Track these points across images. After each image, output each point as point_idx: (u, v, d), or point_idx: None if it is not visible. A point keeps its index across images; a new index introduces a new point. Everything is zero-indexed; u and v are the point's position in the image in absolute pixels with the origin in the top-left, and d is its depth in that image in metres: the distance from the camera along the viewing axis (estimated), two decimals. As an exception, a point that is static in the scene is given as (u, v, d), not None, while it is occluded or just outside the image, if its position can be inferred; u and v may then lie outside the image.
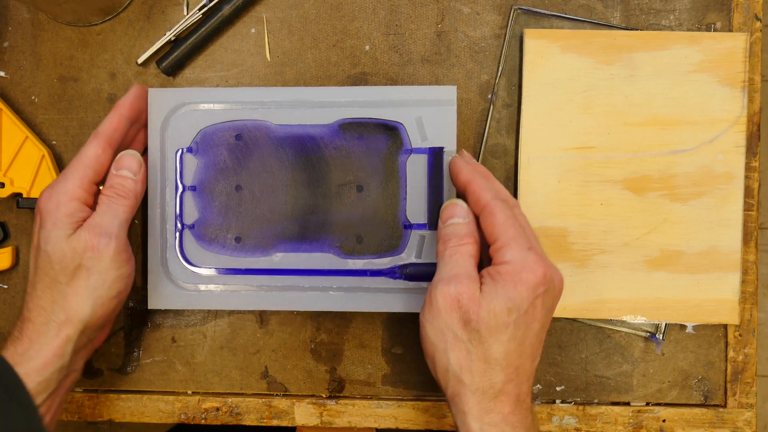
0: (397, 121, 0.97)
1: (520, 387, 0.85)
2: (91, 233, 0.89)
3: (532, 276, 0.84)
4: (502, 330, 0.84)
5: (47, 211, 0.91)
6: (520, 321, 0.84)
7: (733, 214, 1.00)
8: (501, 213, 0.87)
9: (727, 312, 1.00)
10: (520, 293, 0.84)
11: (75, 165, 0.92)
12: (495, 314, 0.83)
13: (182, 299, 0.99)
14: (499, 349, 0.84)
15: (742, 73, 0.99)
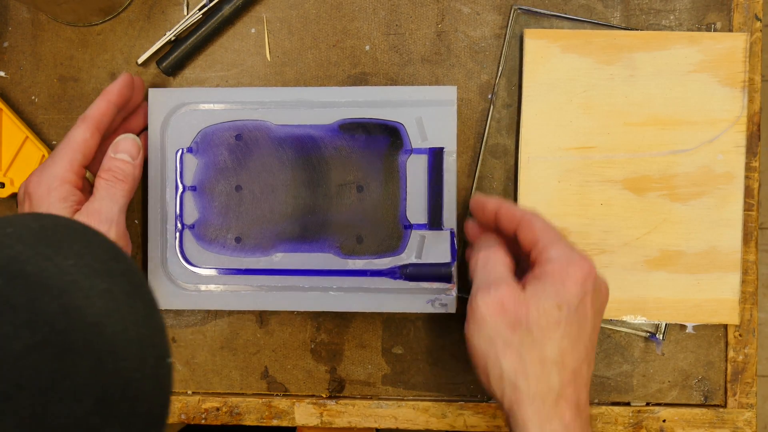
0: (397, 121, 0.97)
1: (579, 392, 0.83)
2: (90, 219, 0.89)
3: (579, 271, 0.83)
4: (554, 327, 0.82)
5: (38, 196, 0.91)
6: (572, 318, 0.82)
7: (733, 214, 1.00)
8: (538, 221, 0.87)
9: (727, 312, 1.00)
10: (568, 289, 0.83)
11: (63, 149, 0.92)
12: (545, 311, 0.82)
13: (182, 299, 1.00)
14: (554, 348, 0.82)
15: (742, 73, 0.99)
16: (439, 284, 0.97)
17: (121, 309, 0.57)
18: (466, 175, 1.03)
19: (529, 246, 0.87)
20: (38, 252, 0.57)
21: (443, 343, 1.04)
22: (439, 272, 0.95)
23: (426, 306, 0.98)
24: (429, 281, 0.97)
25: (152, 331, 0.61)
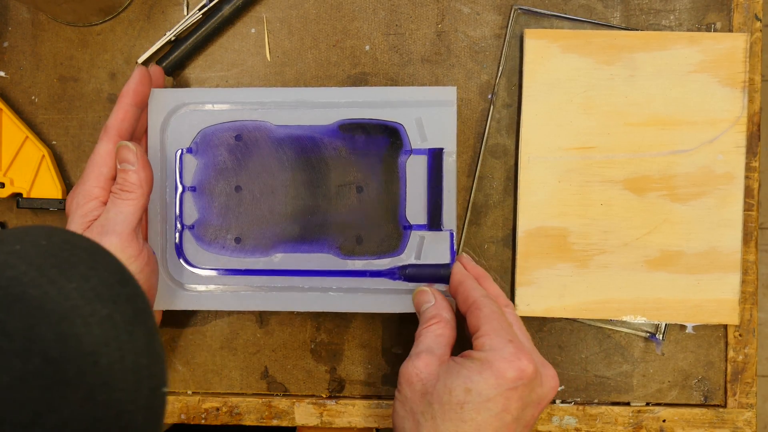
0: (397, 121, 0.97)
1: None
2: (92, 233, 0.89)
3: (505, 366, 0.82)
4: (455, 409, 0.82)
5: (70, 212, 0.92)
6: (481, 407, 0.81)
7: (733, 215, 1.00)
8: (486, 307, 0.87)
9: (727, 312, 1.00)
10: (486, 379, 0.82)
11: (90, 165, 0.93)
12: (449, 390, 0.82)
13: (182, 300, 0.99)
14: (450, 427, 0.82)
15: (742, 74, 0.99)
16: (439, 285, 0.97)
17: (120, 337, 0.56)
18: (466, 176, 1.03)
19: (473, 331, 0.88)
20: (42, 273, 0.56)
21: (443, 343, 1.04)
22: (438, 273, 0.95)
23: None
24: (428, 282, 0.97)
25: (150, 360, 0.60)
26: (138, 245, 0.91)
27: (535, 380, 0.84)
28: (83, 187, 0.92)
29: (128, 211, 0.91)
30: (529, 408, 0.84)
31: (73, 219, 0.91)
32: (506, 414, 0.82)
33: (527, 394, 0.83)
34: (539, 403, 0.86)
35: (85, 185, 0.92)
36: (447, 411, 0.82)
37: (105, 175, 0.92)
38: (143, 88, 0.96)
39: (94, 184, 0.92)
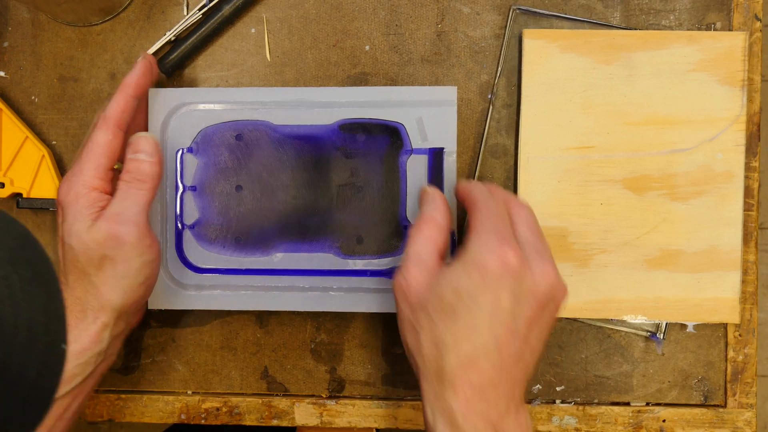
0: (397, 121, 0.97)
1: (478, 381, 0.80)
2: (110, 223, 0.89)
3: (486, 257, 0.81)
4: (448, 314, 0.81)
5: (67, 204, 0.90)
6: (471, 306, 0.80)
7: (733, 213, 1.00)
8: (482, 204, 0.86)
9: (728, 311, 1.00)
10: (470, 275, 0.81)
11: (88, 154, 0.92)
12: (440, 296, 0.81)
13: (182, 299, 1.00)
14: (446, 331, 0.81)
15: (741, 72, 0.99)
16: None
17: (15, 295, 0.57)
18: (465, 176, 1.03)
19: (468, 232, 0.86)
20: None
21: (443, 343, 1.04)
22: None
23: None
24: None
25: (48, 318, 0.61)
26: (152, 235, 0.92)
27: (523, 271, 0.82)
28: (81, 178, 0.91)
29: (143, 201, 0.91)
30: (523, 303, 0.82)
31: (77, 209, 0.89)
32: (498, 310, 0.80)
33: (516, 286, 0.81)
34: (533, 297, 0.82)
35: (83, 175, 0.91)
36: (441, 317, 0.81)
37: (104, 165, 0.92)
38: (145, 81, 0.96)
39: (93, 174, 0.91)
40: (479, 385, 0.80)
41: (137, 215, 0.90)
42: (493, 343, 0.80)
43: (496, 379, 0.81)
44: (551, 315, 0.86)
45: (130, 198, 0.90)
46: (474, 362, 0.80)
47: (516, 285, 0.81)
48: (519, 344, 0.82)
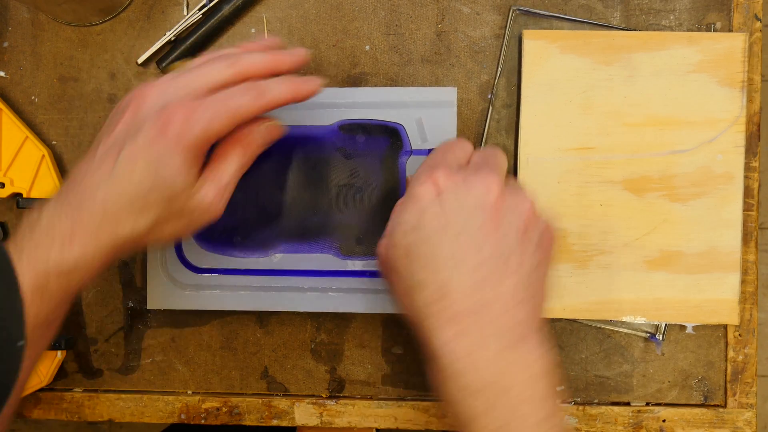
0: (397, 122, 0.97)
1: (453, 310, 0.79)
2: (219, 196, 0.82)
3: (417, 187, 0.82)
4: (410, 256, 0.81)
5: (177, 125, 0.77)
6: (422, 239, 0.81)
7: (732, 214, 1.00)
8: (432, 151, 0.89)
9: (727, 312, 1.00)
10: (409, 211, 0.82)
11: (223, 106, 0.79)
12: (396, 245, 0.83)
13: (181, 299, 1.00)
14: (411, 275, 0.81)
15: (741, 73, 0.99)
16: None
17: None
18: (465, 176, 1.03)
19: None
20: None
21: (443, 343, 1.04)
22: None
23: None
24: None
25: (4, 314, 0.62)
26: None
27: (457, 187, 0.81)
28: (208, 124, 0.78)
29: (245, 164, 0.84)
30: (471, 217, 0.81)
31: (187, 146, 0.77)
32: (446, 230, 0.80)
33: (456, 203, 0.81)
34: (480, 208, 0.81)
35: (213, 123, 0.78)
36: (406, 264, 0.81)
37: (224, 131, 0.81)
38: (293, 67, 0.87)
39: (217, 130, 0.79)
40: (454, 314, 0.79)
41: (230, 176, 0.83)
42: (453, 266, 0.79)
43: (471, 303, 0.79)
44: (521, 224, 0.83)
45: (239, 160, 0.83)
46: (442, 292, 0.79)
47: (455, 202, 0.81)
48: (489, 252, 0.80)
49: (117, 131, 0.80)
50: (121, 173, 0.77)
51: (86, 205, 0.77)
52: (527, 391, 0.77)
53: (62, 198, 0.79)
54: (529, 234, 0.83)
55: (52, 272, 0.75)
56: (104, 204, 0.77)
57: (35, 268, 0.74)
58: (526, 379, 0.78)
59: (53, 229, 0.76)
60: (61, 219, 0.77)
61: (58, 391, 1.07)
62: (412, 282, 0.81)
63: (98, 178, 0.77)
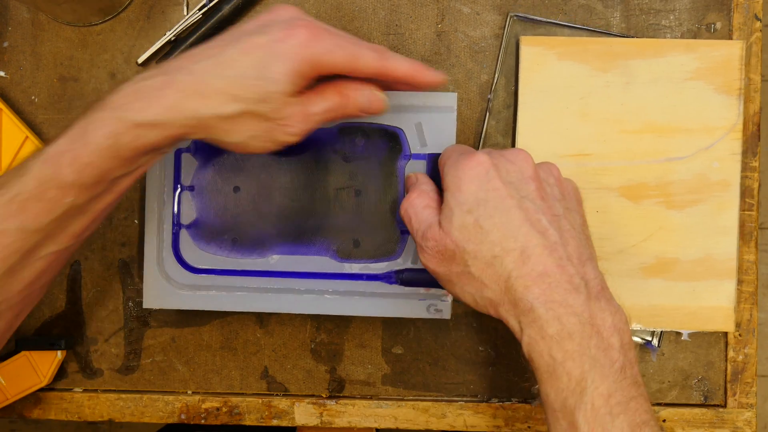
0: (396, 126, 0.97)
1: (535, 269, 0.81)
2: (303, 120, 0.83)
3: (467, 168, 0.84)
4: (477, 234, 0.83)
5: (300, 38, 0.79)
6: (488, 213, 0.82)
7: (728, 222, 1.00)
8: (447, 150, 0.90)
9: (722, 319, 1.00)
10: (464, 190, 0.83)
11: (358, 47, 0.82)
12: (460, 227, 0.83)
13: (178, 299, 1.00)
14: (490, 247, 0.82)
15: (738, 81, 0.99)
16: (435, 290, 0.98)
17: None
18: (465, 177, 1.03)
19: None
20: None
21: (443, 343, 1.04)
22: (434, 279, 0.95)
23: (421, 311, 0.99)
24: (425, 287, 0.97)
25: None
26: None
27: (498, 161, 0.84)
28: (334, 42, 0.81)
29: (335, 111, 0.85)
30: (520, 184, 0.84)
31: (304, 58, 0.79)
32: (514, 198, 0.83)
33: (503, 174, 0.84)
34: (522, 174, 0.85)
35: (337, 51, 0.81)
36: (480, 238, 0.83)
37: (347, 69, 0.83)
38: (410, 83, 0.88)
39: (340, 65, 0.82)
40: (542, 272, 0.81)
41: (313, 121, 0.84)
42: (527, 230, 0.82)
43: (553, 261, 0.81)
44: (557, 188, 0.88)
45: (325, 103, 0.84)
46: (527, 254, 0.81)
47: (507, 175, 0.84)
48: (551, 218, 0.84)
49: (242, 29, 0.83)
50: (229, 57, 0.79)
51: (183, 72, 0.79)
52: (613, 337, 0.80)
53: (158, 66, 0.81)
54: (566, 196, 0.88)
55: (130, 124, 0.77)
56: (202, 76, 0.79)
57: (114, 116, 0.77)
58: (610, 326, 0.80)
59: (143, 85, 0.78)
60: (154, 79, 0.79)
61: (58, 391, 1.07)
62: (493, 253, 0.82)
63: (203, 56, 0.80)
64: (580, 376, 0.78)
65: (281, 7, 0.84)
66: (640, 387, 0.80)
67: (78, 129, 0.77)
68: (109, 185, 0.81)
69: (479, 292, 0.85)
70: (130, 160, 0.80)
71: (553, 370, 0.79)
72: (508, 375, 1.05)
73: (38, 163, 0.77)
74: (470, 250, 0.83)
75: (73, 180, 0.77)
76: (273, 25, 0.81)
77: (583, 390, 0.77)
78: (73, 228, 0.81)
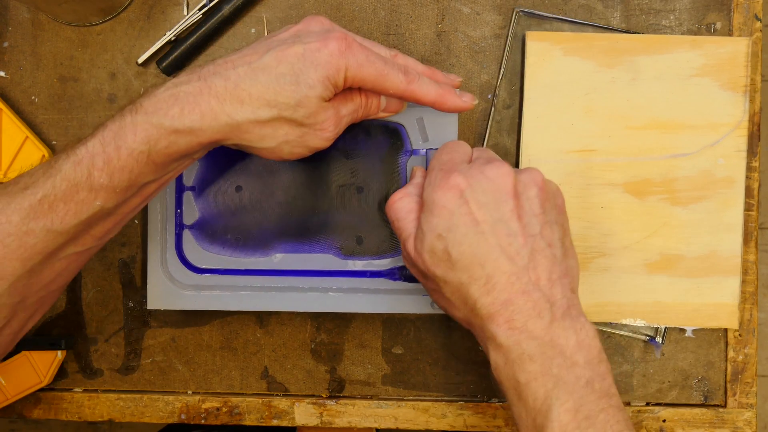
0: (398, 122, 0.97)
1: (503, 296, 0.82)
2: (335, 124, 0.85)
3: (437, 194, 0.85)
4: (445, 258, 0.84)
5: (333, 49, 0.81)
6: (458, 240, 0.83)
7: (733, 218, 1.00)
8: (435, 153, 0.91)
9: (726, 316, 1.00)
10: (438, 216, 0.84)
11: (389, 67, 0.85)
12: (430, 251, 0.85)
13: (181, 300, 0.99)
14: (457, 275, 0.84)
15: (743, 78, 0.99)
16: None
17: None
18: (466, 176, 1.03)
19: None
20: None
21: (443, 343, 1.04)
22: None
23: (425, 307, 0.99)
24: (427, 283, 0.97)
25: None
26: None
27: (474, 182, 0.85)
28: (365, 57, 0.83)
29: (360, 111, 0.90)
30: (496, 205, 0.84)
31: (332, 65, 0.81)
32: (485, 223, 0.83)
33: (479, 196, 0.84)
34: (499, 193, 0.85)
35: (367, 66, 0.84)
36: (448, 266, 0.84)
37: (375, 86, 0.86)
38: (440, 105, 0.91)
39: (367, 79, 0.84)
40: (507, 299, 0.82)
41: (343, 123, 0.88)
42: (495, 257, 0.83)
43: (520, 286, 0.83)
44: (538, 195, 0.87)
45: (351, 104, 0.88)
46: (492, 282, 0.82)
47: (482, 196, 0.84)
48: (524, 241, 0.84)
49: (277, 38, 0.85)
50: (265, 63, 0.81)
51: (219, 77, 0.80)
52: (577, 354, 0.81)
53: (193, 71, 0.82)
54: (548, 202, 0.88)
55: (166, 130, 0.78)
56: (237, 81, 0.80)
57: (149, 122, 0.78)
58: (575, 344, 0.81)
59: (179, 90, 0.79)
60: (190, 84, 0.80)
61: (58, 391, 1.07)
62: (460, 280, 0.84)
63: (239, 63, 0.81)
64: (544, 395, 0.80)
65: (314, 18, 0.87)
66: (613, 398, 0.81)
67: (111, 132, 0.78)
68: (138, 190, 0.81)
69: (451, 310, 0.88)
70: (163, 166, 0.80)
71: (520, 393, 0.82)
72: (509, 375, 1.05)
73: (69, 164, 0.77)
74: (439, 275, 0.85)
75: (105, 183, 0.77)
76: (308, 35, 0.83)
77: (549, 408, 0.79)
78: (97, 230, 0.82)
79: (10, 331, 0.83)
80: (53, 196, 0.76)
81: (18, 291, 0.79)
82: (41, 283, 0.81)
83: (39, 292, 0.82)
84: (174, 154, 0.79)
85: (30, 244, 0.77)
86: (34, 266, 0.78)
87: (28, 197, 0.76)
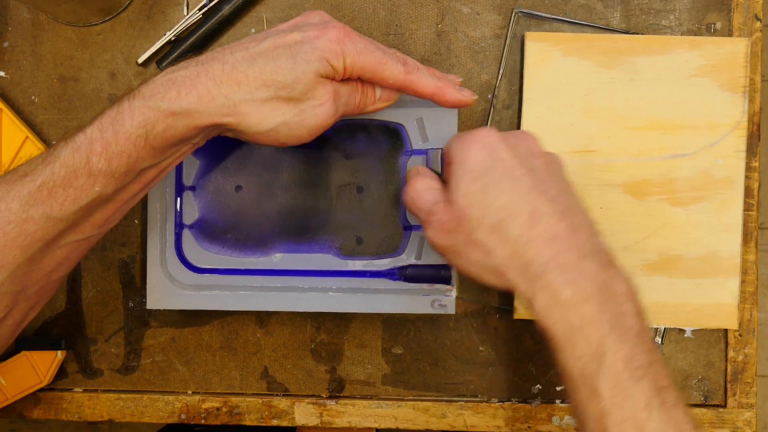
0: (398, 122, 0.97)
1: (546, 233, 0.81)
2: (333, 99, 0.83)
3: (471, 141, 0.86)
4: (481, 196, 0.83)
5: (332, 36, 0.82)
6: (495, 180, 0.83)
7: (732, 219, 1.00)
8: (451, 140, 0.90)
9: (726, 317, 1.00)
10: (471, 159, 0.85)
11: (387, 57, 0.85)
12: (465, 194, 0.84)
13: (181, 299, 0.99)
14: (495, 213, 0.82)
15: (743, 78, 0.99)
16: (439, 285, 0.97)
17: None
18: (466, 176, 1.03)
19: None
20: None
21: (443, 343, 1.04)
22: (438, 274, 0.96)
23: (425, 307, 0.99)
24: (428, 282, 0.97)
25: None
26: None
27: (507, 138, 0.86)
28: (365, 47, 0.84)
29: (356, 97, 0.88)
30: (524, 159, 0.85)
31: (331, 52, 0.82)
32: (523, 167, 0.84)
33: (514, 149, 0.85)
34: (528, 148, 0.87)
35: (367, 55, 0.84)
36: (486, 203, 0.83)
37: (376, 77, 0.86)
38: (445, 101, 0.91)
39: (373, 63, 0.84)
40: (552, 236, 0.81)
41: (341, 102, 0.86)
42: (536, 196, 0.82)
43: (563, 227, 0.81)
44: (561, 169, 0.89)
45: (350, 96, 0.87)
46: (536, 218, 0.81)
47: (511, 143, 0.86)
48: (558, 190, 0.85)
49: (276, 28, 0.85)
50: (263, 48, 0.81)
51: (217, 62, 0.81)
52: (627, 304, 0.79)
53: (191, 59, 0.83)
54: (565, 177, 0.89)
55: (163, 112, 0.78)
56: (235, 64, 0.80)
57: (146, 105, 0.78)
58: (624, 292, 0.80)
59: (176, 75, 0.80)
60: (188, 69, 0.80)
61: (58, 391, 1.07)
62: (500, 217, 0.82)
63: (238, 49, 0.82)
64: (599, 341, 0.77)
65: (314, 12, 0.87)
66: (657, 354, 0.79)
67: (108, 118, 0.78)
68: (136, 176, 0.81)
69: (485, 259, 0.84)
70: (161, 150, 0.80)
71: (569, 337, 0.79)
72: (508, 375, 1.05)
73: (68, 151, 0.77)
74: (475, 216, 0.83)
75: (103, 169, 0.77)
76: (307, 26, 0.83)
77: (603, 355, 0.77)
78: (96, 218, 0.82)
79: (11, 321, 0.83)
80: (52, 182, 0.76)
81: (19, 279, 0.80)
82: (42, 272, 0.82)
83: (40, 282, 0.82)
84: (171, 138, 0.79)
85: (30, 231, 0.77)
86: (34, 254, 0.79)
87: (27, 184, 0.76)
